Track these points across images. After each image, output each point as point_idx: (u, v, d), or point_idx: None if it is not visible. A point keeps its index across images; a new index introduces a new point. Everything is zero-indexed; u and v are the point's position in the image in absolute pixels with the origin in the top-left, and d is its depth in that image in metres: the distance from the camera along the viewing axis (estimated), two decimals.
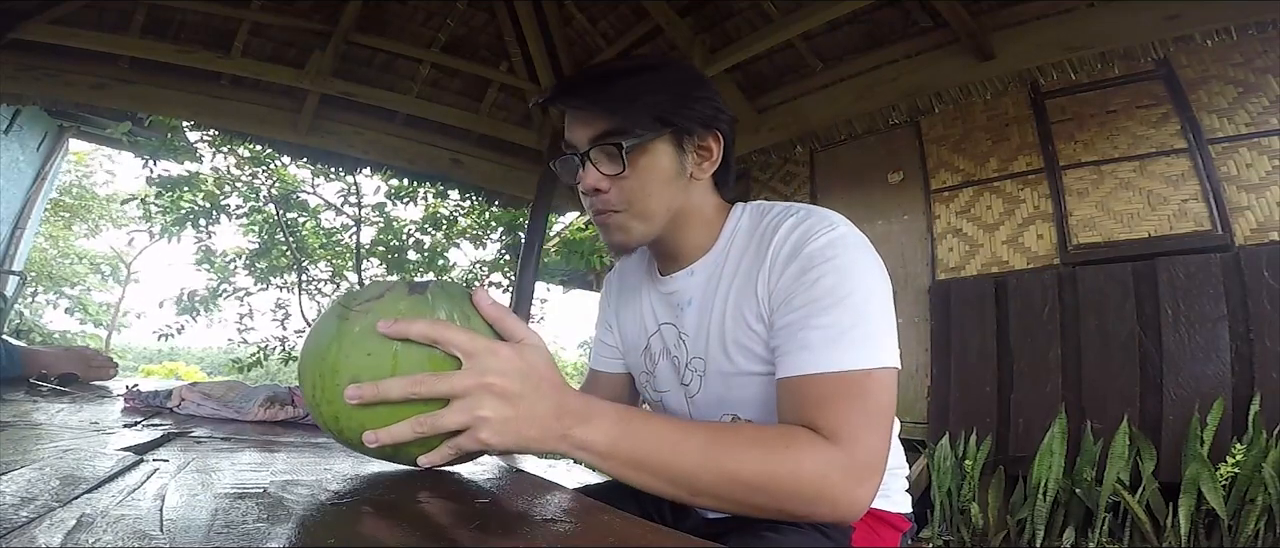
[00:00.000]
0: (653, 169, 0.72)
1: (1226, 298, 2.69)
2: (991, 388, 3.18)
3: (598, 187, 0.72)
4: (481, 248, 7.17)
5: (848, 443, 0.57)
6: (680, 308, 0.80)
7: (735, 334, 0.73)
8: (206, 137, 5.74)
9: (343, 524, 0.42)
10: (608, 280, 0.98)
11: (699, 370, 0.78)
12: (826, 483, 0.55)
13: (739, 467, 0.55)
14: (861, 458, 0.57)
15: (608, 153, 0.70)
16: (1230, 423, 2.54)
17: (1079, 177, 3.31)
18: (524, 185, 3.68)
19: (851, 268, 0.65)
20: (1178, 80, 3.12)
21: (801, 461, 0.55)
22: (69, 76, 2.76)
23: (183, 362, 14.39)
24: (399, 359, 0.50)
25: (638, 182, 0.71)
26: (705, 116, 0.73)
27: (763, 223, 0.74)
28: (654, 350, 0.85)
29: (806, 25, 2.53)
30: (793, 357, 0.63)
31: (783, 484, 0.55)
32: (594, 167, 0.72)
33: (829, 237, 0.67)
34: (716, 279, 0.76)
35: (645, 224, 0.74)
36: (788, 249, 0.68)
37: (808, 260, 0.66)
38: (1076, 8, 2.12)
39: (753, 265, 0.72)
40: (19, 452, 0.52)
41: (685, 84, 0.73)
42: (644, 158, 0.71)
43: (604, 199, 0.73)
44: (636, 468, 0.55)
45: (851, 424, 0.57)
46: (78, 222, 12.26)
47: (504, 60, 3.35)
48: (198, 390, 0.94)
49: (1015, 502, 2.90)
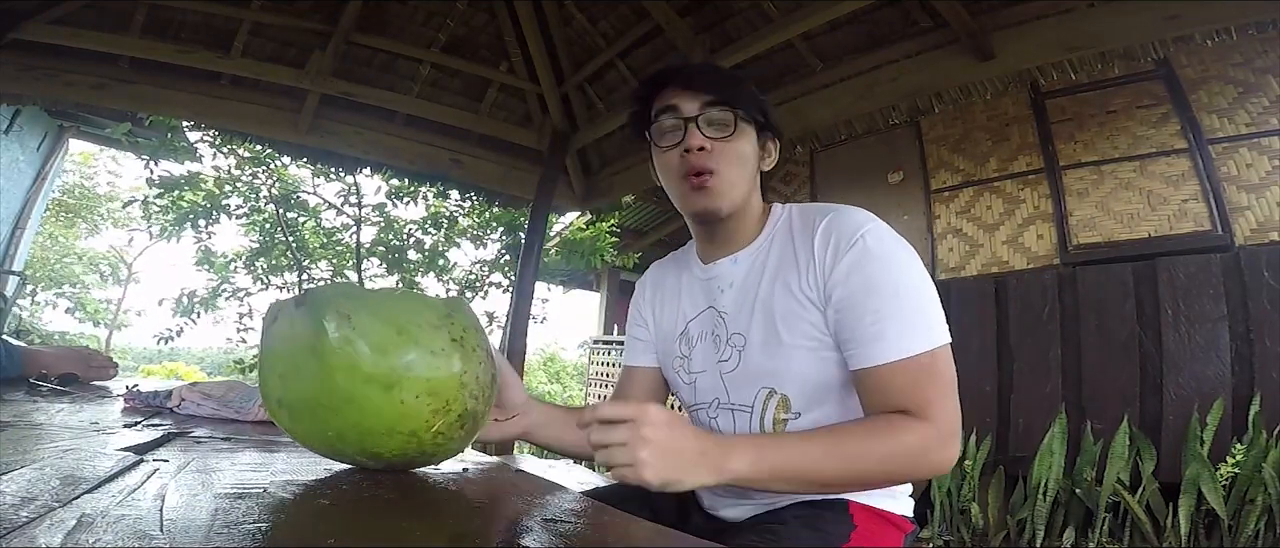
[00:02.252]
0: (747, 145, 0.83)
1: (1226, 298, 2.69)
2: (991, 388, 3.18)
3: (703, 146, 0.80)
4: (481, 248, 7.17)
5: (935, 417, 0.69)
6: (720, 291, 0.87)
7: (781, 306, 0.79)
8: (206, 136, 5.73)
9: (342, 524, 0.42)
10: (642, 283, 1.05)
11: (738, 346, 0.83)
12: (927, 454, 0.68)
13: (860, 457, 0.67)
14: (947, 426, 0.70)
15: (718, 118, 0.81)
16: (1230, 423, 2.54)
17: (1079, 177, 3.31)
18: (524, 185, 3.68)
19: (898, 257, 0.74)
20: (1178, 80, 3.12)
21: (906, 441, 0.68)
22: (69, 76, 2.75)
23: (183, 362, 14.38)
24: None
25: (738, 149, 0.82)
26: (770, 119, 0.86)
27: (801, 217, 0.84)
28: (691, 334, 0.90)
29: (806, 25, 2.53)
30: (868, 347, 0.71)
31: (897, 462, 0.68)
32: (700, 130, 0.80)
33: (873, 230, 0.75)
34: (761, 263, 0.84)
35: (735, 192, 0.82)
36: (835, 242, 0.76)
37: (863, 254, 0.74)
38: (1076, 8, 2.11)
39: (797, 248, 0.80)
40: (19, 452, 0.52)
41: (757, 91, 0.86)
42: (744, 132, 0.83)
43: (705, 158, 0.80)
44: (779, 479, 0.65)
45: (933, 401, 0.69)
46: (78, 221, 12.26)
47: (504, 60, 3.35)
48: (198, 390, 0.94)
49: (1015, 502, 2.90)
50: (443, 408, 0.55)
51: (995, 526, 2.91)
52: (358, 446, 0.56)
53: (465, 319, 0.61)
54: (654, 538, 0.45)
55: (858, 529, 0.76)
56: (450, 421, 0.56)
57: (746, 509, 0.84)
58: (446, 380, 0.55)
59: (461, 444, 0.60)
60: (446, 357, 0.56)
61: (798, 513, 0.77)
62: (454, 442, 0.58)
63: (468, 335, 0.59)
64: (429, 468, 0.62)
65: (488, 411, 0.63)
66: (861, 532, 0.76)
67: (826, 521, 0.75)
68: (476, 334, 0.61)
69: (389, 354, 0.53)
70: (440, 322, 0.58)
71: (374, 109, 3.29)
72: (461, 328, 0.59)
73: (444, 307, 0.61)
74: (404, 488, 0.53)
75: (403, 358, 0.53)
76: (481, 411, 0.60)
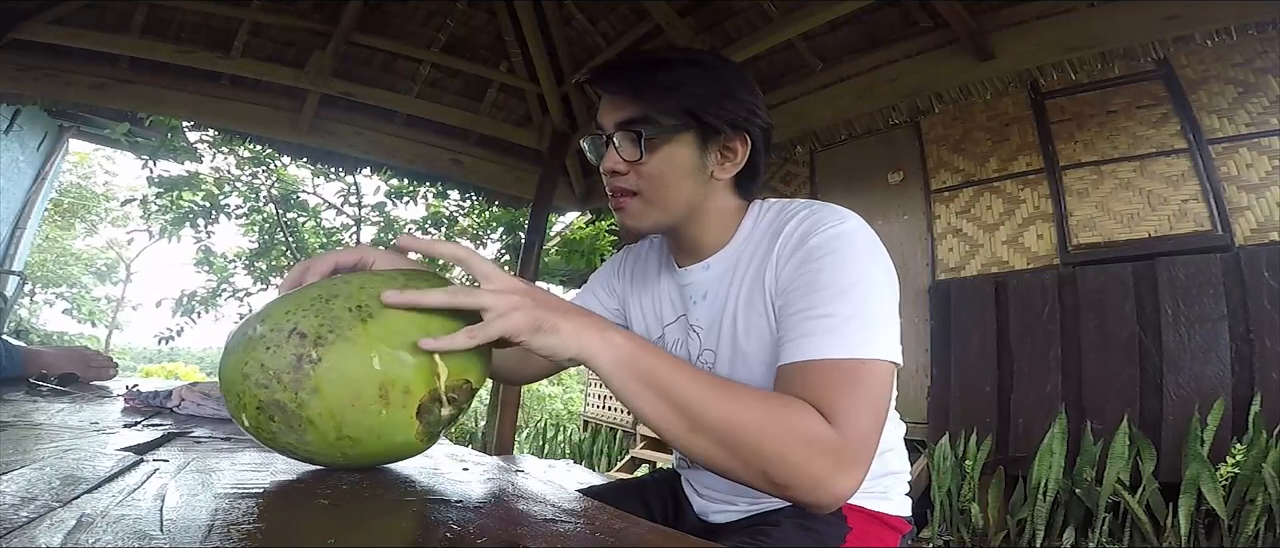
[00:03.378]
0: (672, 161, 0.73)
1: (1226, 298, 2.69)
2: (991, 388, 3.18)
3: (615, 168, 0.74)
4: (481, 248, 7.17)
5: (840, 425, 0.57)
6: (693, 301, 0.82)
7: (748, 326, 0.74)
8: (206, 136, 5.74)
9: (342, 524, 0.42)
10: (623, 253, 0.98)
11: (709, 363, 0.79)
12: (814, 454, 0.56)
13: (743, 411, 0.56)
14: (852, 441, 0.57)
15: (630, 138, 0.72)
16: (1230, 423, 2.54)
17: (1079, 177, 3.31)
18: (524, 185, 3.68)
19: (854, 261, 0.66)
20: (1178, 80, 3.12)
21: (798, 424, 0.56)
22: (69, 76, 2.76)
23: (182, 362, 14.40)
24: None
25: (655, 171, 0.73)
26: (736, 119, 0.73)
27: (777, 219, 0.76)
28: (667, 342, 0.86)
29: (806, 25, 2.53)
30: (793, 344, 0.64)
31: (775, 438, 0.56)
32: (615, 150, 0.74)
33: (836, 230, 0.68)
34: (731, 273, 0.78)
35: (659, 213, 0.76)
36: (794, 240, 0.70)
37: (812, 252, 0.67)
38: (1076, 8, 2.11)
39: (764, 257, 0.74)
40: (19, 452, 0.52)
41: (725, 83, 0.74)
42: (664, 149, 0.73)
43: (621, 181, 0.75)
44: (651, 385, 0.57)
45: (845, 408, 0.58)
46: (77, 221, 12.27)
47: (504, 60, 3.35)
48: (198, 390, 0.94)
49: (1015, 502, 2.90)
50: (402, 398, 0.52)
51: (995, 526, 2.91)
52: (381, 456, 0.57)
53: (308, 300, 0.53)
54: (652, 538, 0.45)
55: (853, 531, 0.75)
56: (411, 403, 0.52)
57: (737, 512, 0.82)
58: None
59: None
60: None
61: (791, 515, 0.75)
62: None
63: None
64: (428, 468, 0.62)
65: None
66: (857, 533, 0.75)
67: (820, 522, 0.74)
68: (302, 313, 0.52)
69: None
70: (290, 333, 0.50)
71: (374, 109, 3.29)
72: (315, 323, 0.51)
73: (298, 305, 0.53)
74: (403, 488, 0.53)
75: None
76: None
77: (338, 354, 0.50)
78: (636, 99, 0.72)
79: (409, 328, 0.52)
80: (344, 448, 0.52)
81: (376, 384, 0.50)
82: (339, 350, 0.50)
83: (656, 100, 0.71)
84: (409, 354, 0.52)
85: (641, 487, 0.97)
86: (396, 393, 0.51)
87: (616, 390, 0.58)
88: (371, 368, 0.50)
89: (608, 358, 0.56)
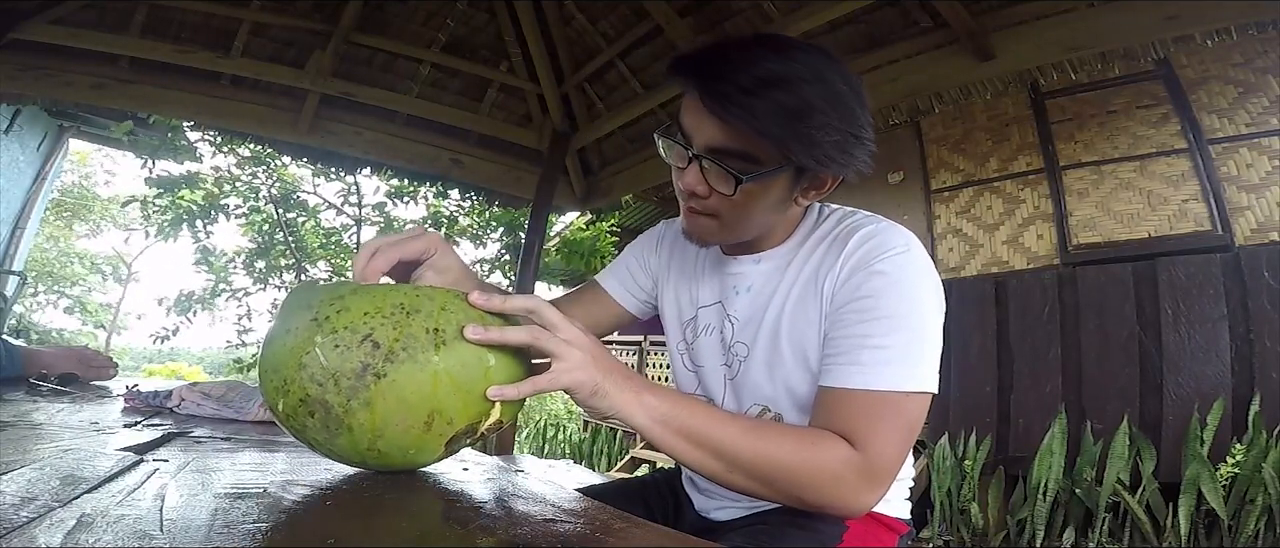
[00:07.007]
0: (761, 197, 0.69)
1: (1226, 298, 2.70)
2: (991, 388, 3.18)
3: (697, 191, 0.69)
4: (481, 248, 7.16)
5: (870, 450, 0.62)
6: (735, 291, 0.81)
7: (792, 328, 0.74)
8: (206, 136, 5.74)
9: (342, 525, 0.42)
10: (663, 227, 0.95)
11: (741, 355, 0.79)
12: (842, 480, 0.62)
13: (775, 449, 0.62)
14: (878, 464, 0.63)
15: (722, 173, 0.66)
16: (1230, 423, 2.54)
17: (1079, 177, 3.31)
18: (524, 185, 3.68)
19: (914, 289, 0.67)
20: (1178, 80, 3.12)
21: (826, 456, 0.62)
22: (69, 76, 2.75)
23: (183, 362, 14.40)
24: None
25: (741, 202, 0.68)
26: (837, 157, 0.65)
27: (839, 227, 0.75)
28: (700, 324, 0.85)
29: (806, 25, 2.53)
30: (842, 369, 0.66)
31: (805, 471, 0.62)
32: (702, 173, 0.67)
33: (901, 258, 0.68)
34: (782, 271, 0.77)
35: (731, 235, 0.75)
36: (857, 259, 0.69)
37: (874, 277, 0.67)
38: (1076, 8, 2.11)
39: (822, 265, 0.73)
40: (19, 452, 0.52)
41: (854, 124, 0.66)
42: (756, 187, 0.67)
43: (700, 204, 0.71)
44: (687, 437, 0.61)
45: (878, 437, 0.62)
46: (78, 221, 12.27)
47: (504, 60, 3.35)
48: (198, 390, 0.94)
49: (1015, 502, 2.90)
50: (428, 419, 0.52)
51: (995, 526, 2.91)
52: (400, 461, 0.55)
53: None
54: (652, 537, 0.45)
55: (850, 531, 0.75)
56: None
57: (738, 510, 0.83)
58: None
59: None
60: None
61: (789, 515, 0.74)
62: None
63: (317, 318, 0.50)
64: (429, 468, 0.62)
65: None
66: (854, 533, 0.75)
67: (818, 521, 0.74)
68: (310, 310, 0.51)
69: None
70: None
71: (374, 109, 3.29)
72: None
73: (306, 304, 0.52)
74: (403, 488, 0.53)
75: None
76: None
77: (404, 374, 0.49)
78: (737, 128, 0.62)
79: (475, 363, 0.52)
80: (368, 457, 0.52)
81: (427, 411, 0.50)
82: (406, 371, 0.49)
83: (758, 139, 0.62)
84: (468, 390, 0.52)
85: (641, 487, 0.98)
86: (440, 422, 0.51)
87: (655, 443, 0.62)
88: (429, 396, 0.50)
89: (643, 419, 0.60)
